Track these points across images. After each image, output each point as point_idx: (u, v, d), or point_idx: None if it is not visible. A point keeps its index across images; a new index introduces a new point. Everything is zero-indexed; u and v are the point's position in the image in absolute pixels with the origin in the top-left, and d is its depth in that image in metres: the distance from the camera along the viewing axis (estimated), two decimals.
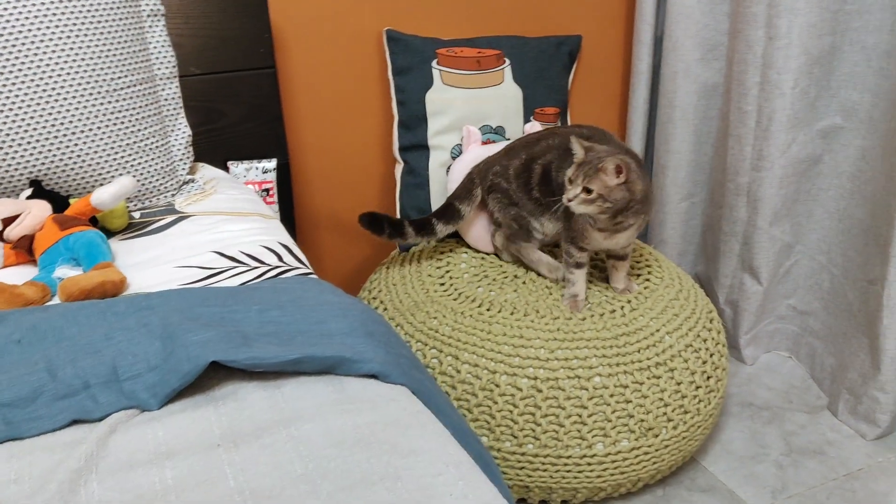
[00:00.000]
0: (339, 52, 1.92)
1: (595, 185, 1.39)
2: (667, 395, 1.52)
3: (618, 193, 1.40)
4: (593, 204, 1.40)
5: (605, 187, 1.39)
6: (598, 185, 1.39)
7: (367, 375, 0.95)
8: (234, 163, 1.71)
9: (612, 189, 1.39)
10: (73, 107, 1.37)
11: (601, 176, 1.39)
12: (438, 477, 0.78)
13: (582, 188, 1.39)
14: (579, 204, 1.41)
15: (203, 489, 0.77)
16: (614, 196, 1.40)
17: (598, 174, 1.39)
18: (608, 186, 1.39)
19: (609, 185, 1.39)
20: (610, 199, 1.40)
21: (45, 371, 0.93)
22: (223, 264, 1.25)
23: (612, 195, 1.40)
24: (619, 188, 1.40)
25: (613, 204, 1.41)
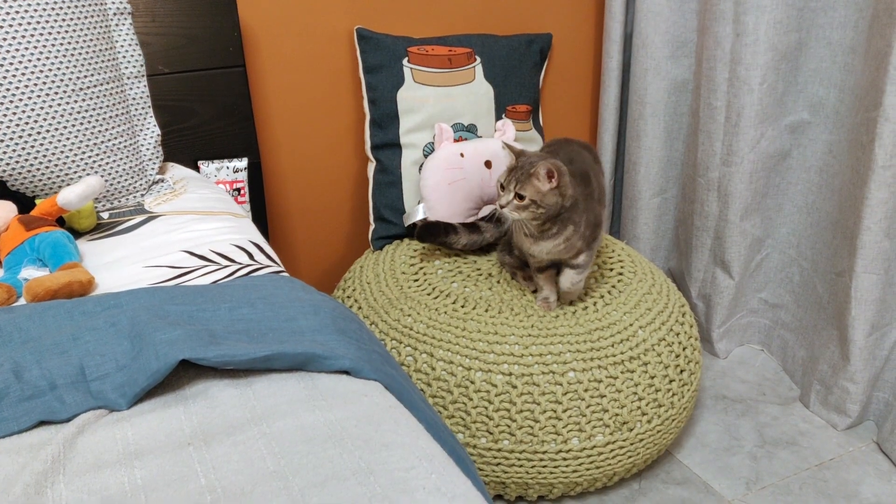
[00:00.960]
0: (310, 51, 1.91)
1: (527, 191, 1.38)
2: (641, 389, 1.53)
3: (550, 198, 1.39)
4: (527, 210, 1.39)
5: (537, 192, 1.38)
6: (530, 190, 1.38)
7: (339, 371, 0.94)
8: (205, 162, 1.69)
9: (545, 194, 1.38)
10: (37, 106, 1.35)
11: (533, 181, 1.38)
12: (411, 471, 0.77)
13: (514, 194, 1.39)
14: (513, 210, 1.40)
15: (173, 488, 0.76)
16: (547, 201, 1.39)
17: (530, 179, 1.38)
18: (540, 192, 1.38)
19: (541, 190, 1.38)
20: (543, 204, 1.39)
21: (10, 372, 0.91)
22: (193, 263, 1.23)
23: (545, 200, 1.39)
24: (552, 193, 1.39)
25: (546, 209, 1.40)
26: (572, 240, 1.46)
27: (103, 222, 1.41)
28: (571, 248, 1.48)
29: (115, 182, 1.46)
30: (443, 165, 1.81)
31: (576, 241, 1.47)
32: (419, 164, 1.88)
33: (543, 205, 1.39)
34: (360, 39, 1.87)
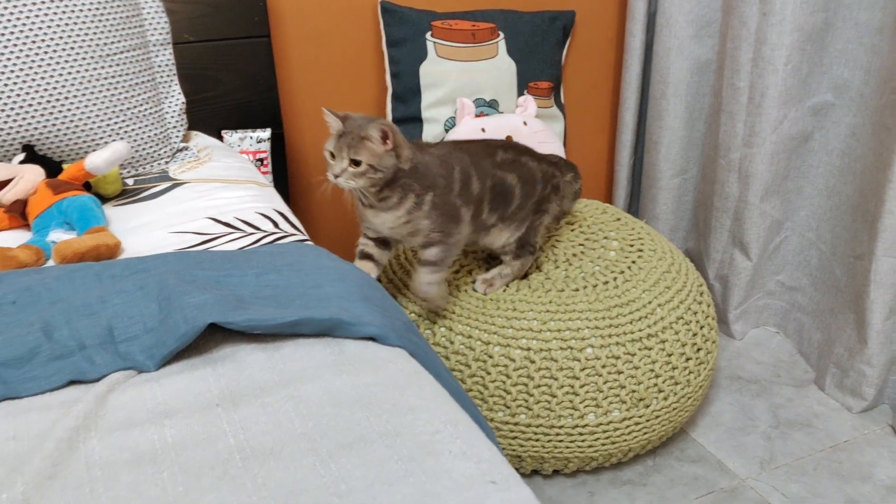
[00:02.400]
0: (334, 23, 1.91)
1: (362, 156, 1.26)
2: (658, 367, 1.53)
3: (387, 160, 1.28)
4: (363, 176, 1.27)
5: (373, 156, 1.27)
6: (365, 154, 1.26)
7: (365, 338, 0.95)
8: (229, 132, 1.70)
9: (382, 156, 1.28)
10: (65, 72, 1.36)
11: (367, 144, 1.26)
12: (437, 434, 0.78)
13: (349, 160, 1.27)
14: (349, 178, 1.28)
15: (203, 447, 0.78)
16: (384, 163, 1.28)
17: (363, 143, 1.26)
18: (377, 154, 1.27)
19: (377, 152, 1.27)
20: (380, 167, 1.28)
21: (40, 332, 0.92)
22: (218, 230, 1.24)
23: (382, 163, 1.28)
24: (388, 154, 1.28)
25: (384, 172, 1.29)
26: (415, 215, 1.35)
27: (128, 188, 1.42)
28: (416, 228, 1.37)
29: (140, 149, 1.47)
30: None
31: (420, 220, 1.36)
32: (440, 139, 1.88)
33: (381, 168, 1.28)
34: (384, 12, 1.87)
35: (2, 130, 1.34)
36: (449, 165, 1.40)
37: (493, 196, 1.46)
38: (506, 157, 1.51)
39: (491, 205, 1.47)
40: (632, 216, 1.89)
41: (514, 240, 1.55)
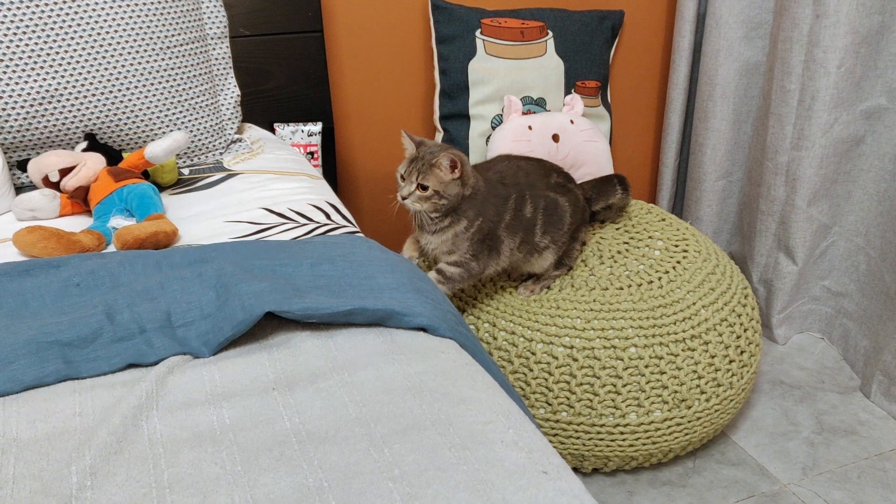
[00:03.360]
0: (385, 19, 1.93)
1: (430, 182, 1.34)
2: (700, 368, 1.53)
3: (453, 188, 1.36)
4: (428, 201, 1.36)
5: (440, 183, 1.35)
6: (433, 181, 1.34)
7: (417, 328, 0.97)
8: (281, 125, 1.73)
9: (448, 184, 1.36)
10: (127, 63, 1.40)
11: (436, 171, 1.34)
12: (489, 424, 0.80)
13: (417, 185, 1.35)
14: (415, 201, 1.36)
15: (260, 429, 0.80)
16: (449, 191, 1.36)
17: (432, 170, 1.34)
18: (443, 182, 1.35)
19: (444, 180, 1.35)
20: (445, 194, 1.36)
21: (103, 314, 0.95)
22: (272, 220, 1.27)
23: (448, 190, 1.36)
24: (454, 183, 1.36)
25: (448, 200, 1.37)
26: (460, 237, 1.42)
27: (184, 178, 1.45)
28: (454, 249, 1.43)
29: (196, 139, 1.50)
30: (510, 137, 1.82)
31: (462, 242, 1.42)
32: (486, 136, 1.89)
33: (446, 195, 1.36)
34: (435, 9, 1.88)
35: (66, 119, 1.38)
36: (504, 192, 1.46)
37: (545, 217, 1.51)
38: (558, 181, 1.58)
39: (544, 227, 1.51)
40: (676, 217, 1.89)
41: (554, 262, 1.59)
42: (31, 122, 1.35)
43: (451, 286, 1.45)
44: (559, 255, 1.58)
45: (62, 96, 1.36)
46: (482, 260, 1.45)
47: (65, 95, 1.36)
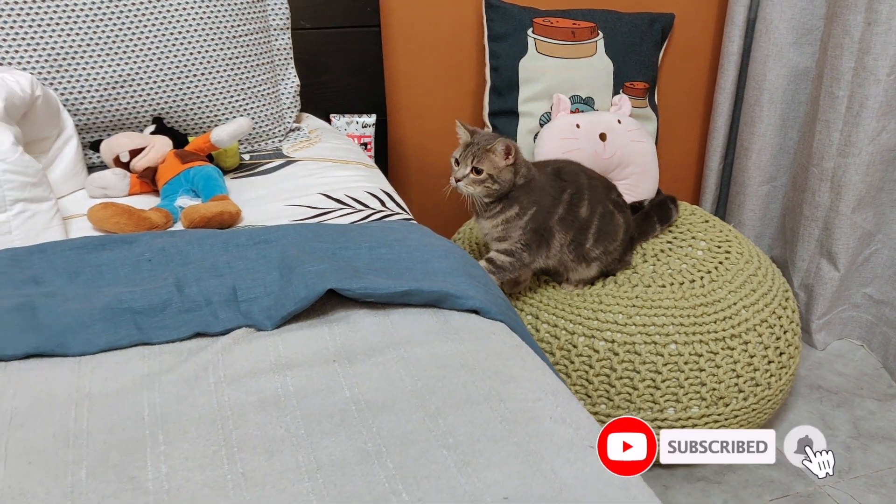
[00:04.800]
0: (440, 16, 1.98)
1: (485, 166, 1.40)
2: (739, 367, 1.55)
3: (506, 174, 1.41)
4: (482, 185, 1.41)
5: (494, 167, 1.40)
6: (487, 165, 1.40)
7: (469, 311, 1.01)
8: (337, 116, 1.79)
9: (501, 170, 1.41)
10: (195, 51, 1.46)
11: (491, 156, 1.40)
12: (538, 402, 0.84)
13: (471, 168, 1.40)
14: (468, 185, 1.41)
15: (321, 397, 0.85)
16: (503, 177, 1.41)
17: (487, 154, 1.40)
18: (497, 167, 1.40)
19: (498, 165, 1.40)
20: (498, 179, 1.41)
21: (173, 287, 1.01)
22: (330, 205, 1.32)
23: (501, 176, 1.41)
24: (508, 169, 1.41)
25: (501, 185, 1.42)
26: (512, 224, 1.46)
27: (245, 163, 1.51)
28: (507, 235, 1.48)
29: (257, 127, 1.57)
30: (558, 135, 1.86)
31: (514, 229, 1.46)
32: (535, 133, 1.93)
33: (499, 180, 1.41)
34: (488, 8, 1.92)
35: (136, 103, 1.45)
36: (560, 185, 1.50)
37: (601, 225, 1.55)
38: (619, 200, 1.61)
39: (597, 234, 1.55)
40: (719, 219, 1.91)
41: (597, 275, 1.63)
42: (104, 104, 1.42)
43: (500, 275, 1.49)
44: (603, 269, 1.61)
45: (133, 81, 1.43)
46: (533, 251, 1.48)
47: (136, 81, 1.43)
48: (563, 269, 1.60)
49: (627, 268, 1.67)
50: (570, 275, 1.61)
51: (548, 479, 0.72)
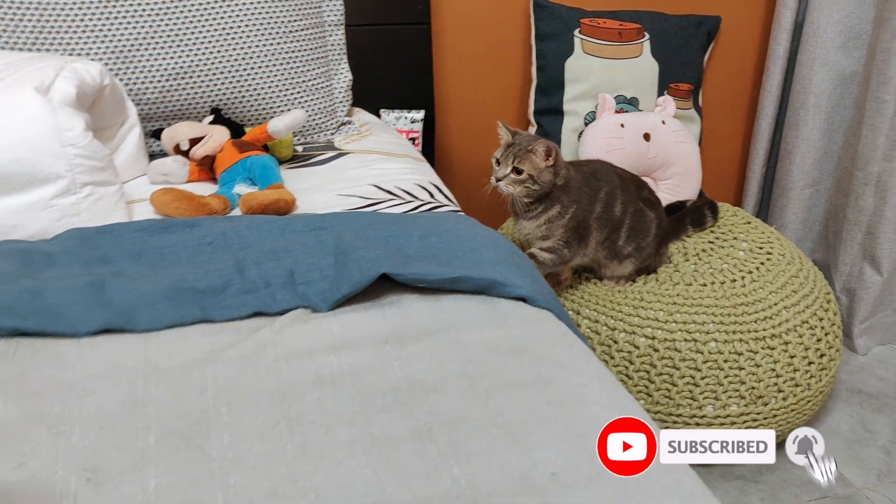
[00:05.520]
0: (488, 15, 2.01)
1: (525, 166, 1.42)
2: (779, 367, 1.56)
3: (546, 175, 1.44)
4: (522, 185, 1.43)
5: (535, 168, 1.43)
6: (528, 165, 1.42)
7: (516, 298, 1.03)
8: (386, 111, 1.83)
9: (542, 171, 1.43)
10: (253, 44, 1.51)
11: (531, 157, 1.42)
12: (585, 387, 0.86)
13: (512, 168, 1.43)
14: (508, 184, 1.44)
15: (375, 376, 0.88)
16: (543, 178, 1.43)
17: (528, 155, 1.42)
18: (538, 168, 1.43)
19: (539, 166, 1.43)
20: (539, 180, 1.43)
21: (233, 269, 1.05)
22: (381, 196, 1.36)
23: (541, 177, 1.43)
24: (548, 170, 1.43)
25: (541, 186, 1.44)
26: (555, 223, 1.49)
27: (298, 154, 1.56)
28: (549, 234, 1.50)
29: (311, 119, 1.61)
30: (603, 134, 1.88)
31: (556, 228, 1.49)
32: (579, 132, 1.95)
33: (539, 181, 1.43)
34: (536, 8, 1.95)
35: (196, 94, 1.50)
36: (596, 185, 1.52)
37: (632, 223, 1.57)
38: (650, 197, 1.63)
39: (629, 231, 1.57)
40: (761, 221, 1.91)
41: (634, 271, 1.65)
42: (166, 95, 1.48)
43: (542, 271, 1.51)
44: (639, 266, 1.63)
45: (194, 73, 1.48)
46: (572, 248, 1.51)
47: (196, 72, 1.48)
48: (598, 266, 1.62)
49: (664, 263, 1.68)
50: (605, 271, 1.63)
51: (594, 460, 0.75)
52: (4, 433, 0.76)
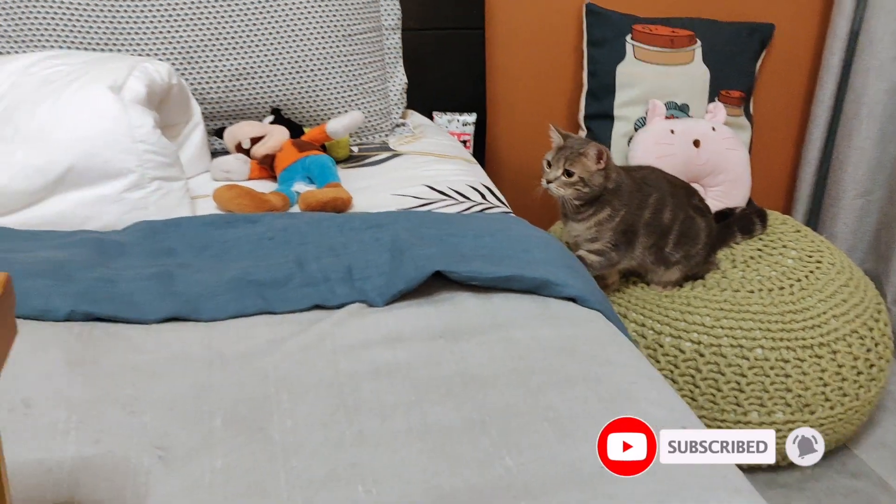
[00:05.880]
0: (541, 20, 2.04)
1: (576, 169, 1.44)
2: (827, 376, 1.56)
3: (597, 178, 1.45)
4: (572, 187, 1.45)
5: (585, 171, 1.44)
6: (579, 168, 1.44)
7: (567, 298, 1.06)
8: (439, 113, 1.87)
9: (593, 174, 1.44)
10: (313, 47, 1.56)
11: (583, 160, 1.44)
12: (634, 385, 0.88)
13: (563, 170, 1.44)
14: (559, 187, 1.46)
15: (429, 369, 0.91)
16: (594, 181, 1.45)
17: (579, 158, 1.44)
18: (589, 171, 1.44)
19: (590, 169, 1.44)
20: (589, 183, 1.45)
21: (294, 263, 1.10)
22: (434, 196, 1.40)
23: (592, 180, 1.45)
24: (599, 173, 1.45)
25: (591, 189, 1.45)
26: (604, 225, 1.50)
27: (354, 155, 1.60)
28: (598, 237, 1.52)
29: (366, 121, 1.65)
30: (653, 140, 1.89)
31: (605, 230, 1.51)
32: (629, 137, 1.97)
33: (590, 184, 1.45)
34: (589, 14, 1.97)
35: (257, 94, 1.55)
36: (647, 190, 1.54)
37: (681, 230, 1.58)
38: (700, 205, 1.64)
39: (678, 238, 1.58)
40: (811, 230, 1.91)
41: (681, 278, 1.66)
42: (228, 95, 1.53)
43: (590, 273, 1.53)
44: (686, 273, 1.64)
45: (255, 74, 1.53)
46: (621, 251, 1.53)
47: (258, 74, 1.54)
48: (644, 271, 1.63)
49: (713, 269, 1.69)
50: (651, 276, 1.64)
51: None
52: (83, 411, 0.81)
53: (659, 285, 1.65)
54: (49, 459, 0.74)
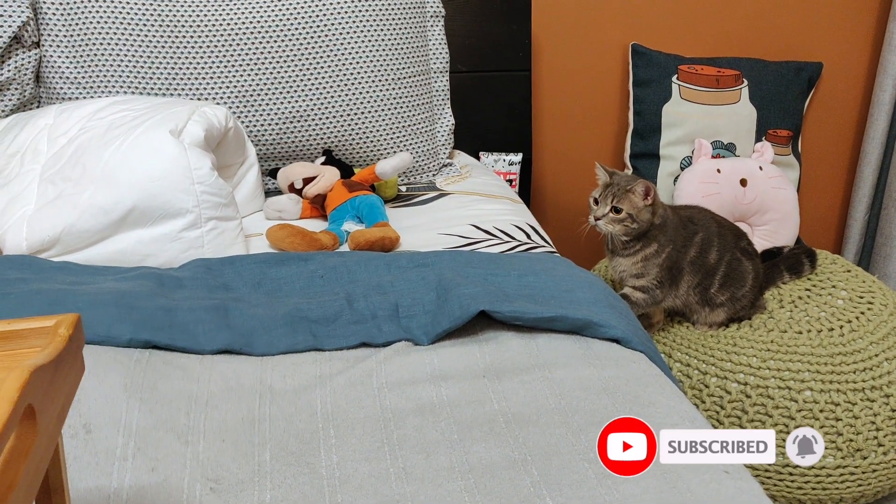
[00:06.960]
0: (587, 61, 2.07)
1: (624, 205, 1.45)
2: (879, 420, 1.53)
3: (645, 214, 1.46)
4: (621, 224, 1.47)
5: (633, 207, 1.45)
6: (627, 204, 1.45)
7: (610, 339, 1.07)
8: (486, 153, 1.90)
9: (641, 210, 1.45)
10: (364, 90, 1.61)
11: (630, 196, 1.45)
12: (676, 427, 0.89)
13: (611, 207, 1.46)
14: (607, 223, 1.47)
15: (472, 407, 0.93)
16: (641, 217, 1.46)
17: (627, 195, 1.45)
18: (637, 207, 1.45)
19: (637, 205, 1.45)
20: (637, 219, 1.46)
21: (344, 300, 1.13)
22: (479, 236, 1.42)
23: (640, 216, 1.46)
24: (646, 210, 1.46)
25: (639, 225, 1.46)
26: (651, 261, 1.51)
27: (402, 194, 1.64)
28: (644, 272, 1.52)
29: (414, 161, 1.70)
30: (699, 179, 1.90)
31: (652, 266, 1.51)
32: (675, 176, 1.98)
33: (638, 220, 1.46)
34: (635, 54, 2.00)
35: (309, 136, 1.61)
36: (692, 229, 1.55)
37: (727, 271, 1.58)
38: (748, 248, 1.64)
39: (723, 280, 1.58)
40: (862, 270, 1.88)
41: (725, 320, 1.65)
42: (282, 136, 1.59)
43: (634, 311, 1.54)
44: (731, 315, 1.63)
45: (308, 117, 1.59)
46: (665, 289, 1.53)
47: (310, 116, 1.59)
48: (689, 310, 1.63)
49: (761, 312, 1.68)
50: (696, 317, 1.64)
51: (683, 497, 0.77)
52: (140, 438, 0.84)
53: (704, 326, 1.65)
54: (107, 487, 0.77)
